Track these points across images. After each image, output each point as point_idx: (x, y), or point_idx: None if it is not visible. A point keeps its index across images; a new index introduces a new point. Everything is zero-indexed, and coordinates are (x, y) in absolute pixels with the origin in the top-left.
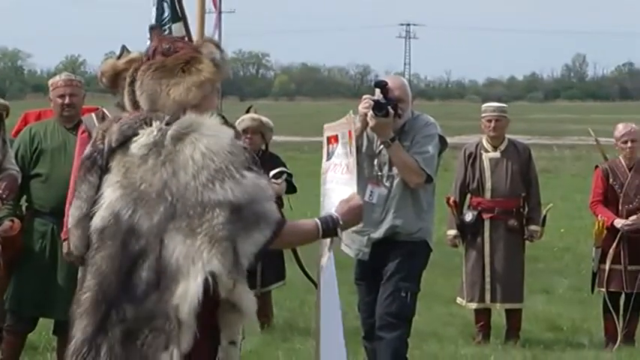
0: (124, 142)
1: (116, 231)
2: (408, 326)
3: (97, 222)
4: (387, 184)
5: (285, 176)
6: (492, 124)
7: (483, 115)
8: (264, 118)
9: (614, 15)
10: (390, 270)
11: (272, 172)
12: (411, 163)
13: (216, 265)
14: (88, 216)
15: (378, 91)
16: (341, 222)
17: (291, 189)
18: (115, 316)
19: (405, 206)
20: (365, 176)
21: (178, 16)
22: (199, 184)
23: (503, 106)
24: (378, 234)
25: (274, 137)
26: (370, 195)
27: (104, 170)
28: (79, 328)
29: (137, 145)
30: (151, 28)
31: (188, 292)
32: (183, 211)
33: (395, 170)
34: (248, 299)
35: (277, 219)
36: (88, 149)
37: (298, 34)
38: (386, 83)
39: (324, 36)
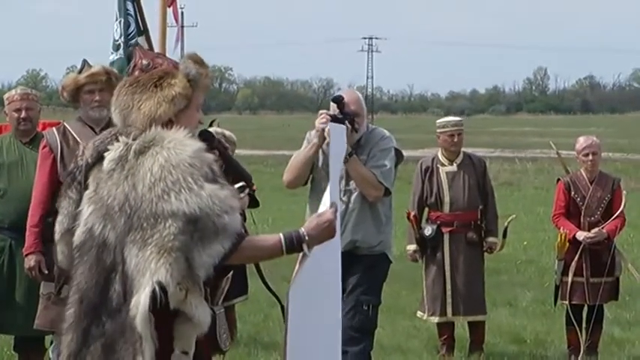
0: (99, 159)
1: (91, 246)
2: (371, 339)
3: (75, 238)
4: (345, 198)
5: (247, 190)
6: (455, 138)
7: (443, 130)
8: (227, 132)
9: (575, 30)
10: (351, 284)
11: (235, 187)
12: (370, 177)
13: (163, 275)
14: (70, 231)
15: (334, 106)
16: (307, 237)
17: (254, 203)
18: (96, 330)
19: (364, 220)
20: (322, 191)
21: (142, 29)
22: (154, 196)
23: (461, 120)
24: None
25: (237, 151)
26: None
27: (83, 186)
28: (65, 344)
29: (106, 161)
30: (134, 45)
31: (139, 303)
32: (138, 224)
33: (352, 184)
34: (202, 311)
35: (237, 231)
36: (70, 166)
37: (261, 47)
38: (342, 98)
39: (287, 50)
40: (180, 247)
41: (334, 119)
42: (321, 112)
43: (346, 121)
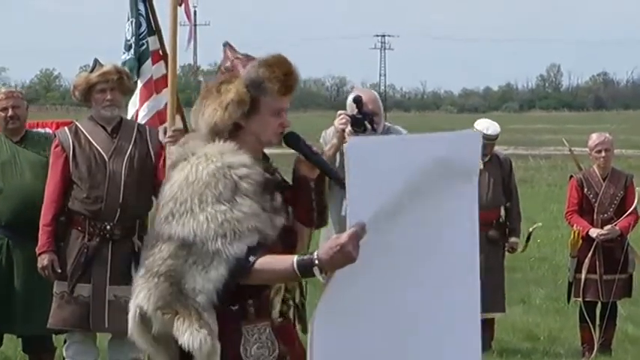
0: None
1: None
2: None
3: None
4: None
5: None
6: (485, 150)
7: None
8: None
9: (588, 25)
10: None
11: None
12: None
13: (141, 299)
14: None
15: (352, 106)
16: (317, 262)
17: None
18: None
19: None
20: (338, 191)
21: (153, 29)
22: (163, 216)
23: (491, 135)
24: None
25: None
26: (345, 209)
27: None
28: None
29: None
30: (224, 45)
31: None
32: (147, 242)
33: None
34: (189, 337)
35: (236, 257)
36: None
37: (274, 45)
38: (361, 98)
39: (299, 47)
40: (165, 272)
41: (353, 119)
42: (340, 112)
43: (365, 121)
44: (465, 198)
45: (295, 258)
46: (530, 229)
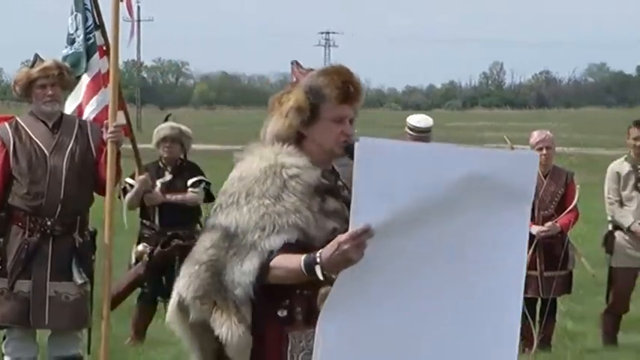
0: None
1: None
2: None
3: None
4: None
5: (203, 185)
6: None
7: (406, 130)
8: (183, 127)
9: (530, 24)
10: None
11: (190, 181)
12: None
13: (180, 287)
14: None
15: None
16: (318, 260)
17: (209, 198)
18: None
19: None
20: None
21: (97, 24)
22: (216, 207)
23: (424, 127)
24: None
25: (194, 146)
26: None
27: None
28: None
29: None
30: (292, 63)
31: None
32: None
33: None
34: (228, 331)
35: (270, 249)
36: None
37: (218, 42)
38: None
39: (244, 44)
40: (206, 262)
41: None
42: None
43: None
44: (510, 222)
45: (304, 256)
46: None
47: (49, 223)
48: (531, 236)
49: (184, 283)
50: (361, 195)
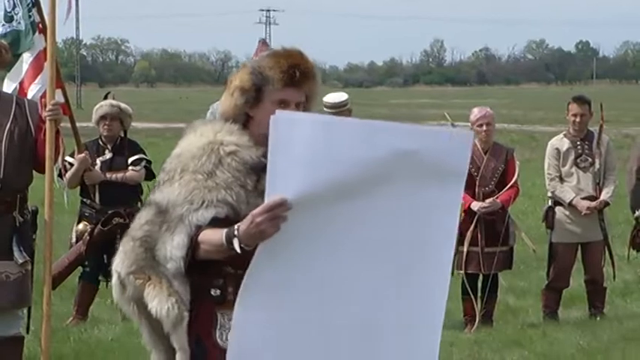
0: None
1: None
2: None
3: None
4: None
5: (144, 163)
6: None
7: (323, 109)
8: (122, 105)
9: (471, 1)
10: None
11: (130, 159)
12: None
13: (116, 264)
14: None
15: None
16: (236, 233)
17: (150, 176)
18: None
19: None
20: None
21: (34, 1)
22: (155, 185)
23: (338, 102)
24: None
25: (135, 124)
26: None
27: None
28: None
29: None
30: (259, 41)
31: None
32: None
33: None
34: (158, 304)
35: (197, 224)
36: None
37: (158, 19)
38: None
39: (184, 22)
40: (140, 237)
41: None
42: None
43: None
44: (441, 200)
45: (225, 230)
46: None
47: None
48: (472, 212)
49: (119, 260)
50: (276, 168)
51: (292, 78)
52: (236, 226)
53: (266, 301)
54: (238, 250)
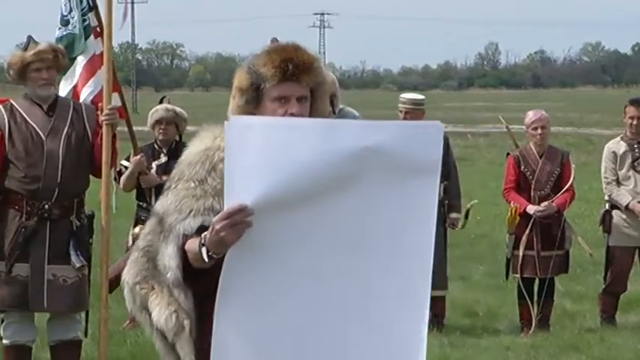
0: None
1: None
2: None
3: None
4: None
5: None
6: (402, 115)
7: (398, 106)
8: (178, 109)
9: (525, 4)
10: None
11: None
12: None
13: (124, 273)
14: None
15: None
16: (203, 242)
17: None
18: None
19: None
20: None
21: (91, 5)
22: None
23: (416, 98)
24: None
25: (190, 128)
26: None
27: None
28: None
29: None
30: (271, 40)
31: None
32: None
33: None
34: (159, 312)
35: (185, 233)
36: None
37: (212, 23)
38: None
39: (238, 25)
40: (143, 247)
41: None
42: None
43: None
44: (416, 195)
45: (200, 239)
46: (468, 206)
47: (46, 206)
48: (528, 216)
49: (127, 270)
50: (234, 174)
51: (285, 72)
52: (203, 235)
53: (242, 306)
54: (206, 259)
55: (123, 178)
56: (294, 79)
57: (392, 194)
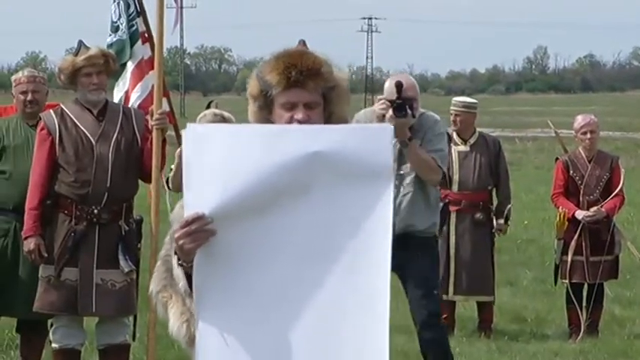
0: None
1: None
2: None
3: None
4: (396, 182)
5: None
6: (452, 117)
7: (450, 109)
8: (225, 113)
9: (574, 7)
10: (418, 272)
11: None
12: (430, 161)
13: (151, 282)
14: None
15: (392, 91)
16: (175, 250)
17: None
18: None
19: (418, 204)
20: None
21: (138, 11)
22: None
23: (468, 102)
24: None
25: None
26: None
27: None
28: None
29: None
30: (299, 42)
31: None
32: None
33: (404, 168)
34: (172, 321)
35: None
36: None
37: (260, 28)
38: (402, 84)
39: (285, 30)
40: (163, 256)
41: (398, 105)
42: (380, 97)
43: (407, 106)
44: (370, 198)
45: None
46: (505, 211)
47: (95, 211)
48: (576, 221)
49: (152, 278)
50: (191, 183)
51: (289, 79)
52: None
53: (214, 309)
54: (176, 267)
55: (171, 176)
56: (299, 85)
57: (344, 199)
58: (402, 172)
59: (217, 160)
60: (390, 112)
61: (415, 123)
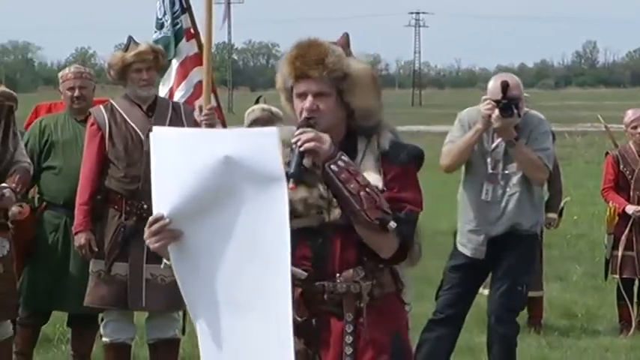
0: None
1: None
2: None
3: None
4: (502, 182)
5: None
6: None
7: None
8: (274, 109)
9: (623, 1)
10: (508, 265)
11: None
12: (536, 160)
13: None
14: None
15: (496, 91)
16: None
17: None
18: None
19: (524, 203)
20: (477, 175)
21: (184, 7)
22: None
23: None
24: (496, 231)
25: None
26: (486, 193)
27: None
28: None
29: None
30: (343, 35)
31: None
32: None
33: (510, 168)
34: None
35: None
36: None
37: (308, 23)
38: (508, 83)
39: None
40: None
41: (504, 105)
42: (485, 97)
43: (512, 106)
44: (264, 202)
45: None
46: (562, 204)
47: (145, 206)
48: (627, 216)
49: None
50: (157, 183)
51: (296, 70)
52: None
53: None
54: (165, 262)
55: None
56: (305, 76)
57: (247, 201)
58: (507, 171)
59: (172, 162)
60: (497, 112)
61: (520, 122)
